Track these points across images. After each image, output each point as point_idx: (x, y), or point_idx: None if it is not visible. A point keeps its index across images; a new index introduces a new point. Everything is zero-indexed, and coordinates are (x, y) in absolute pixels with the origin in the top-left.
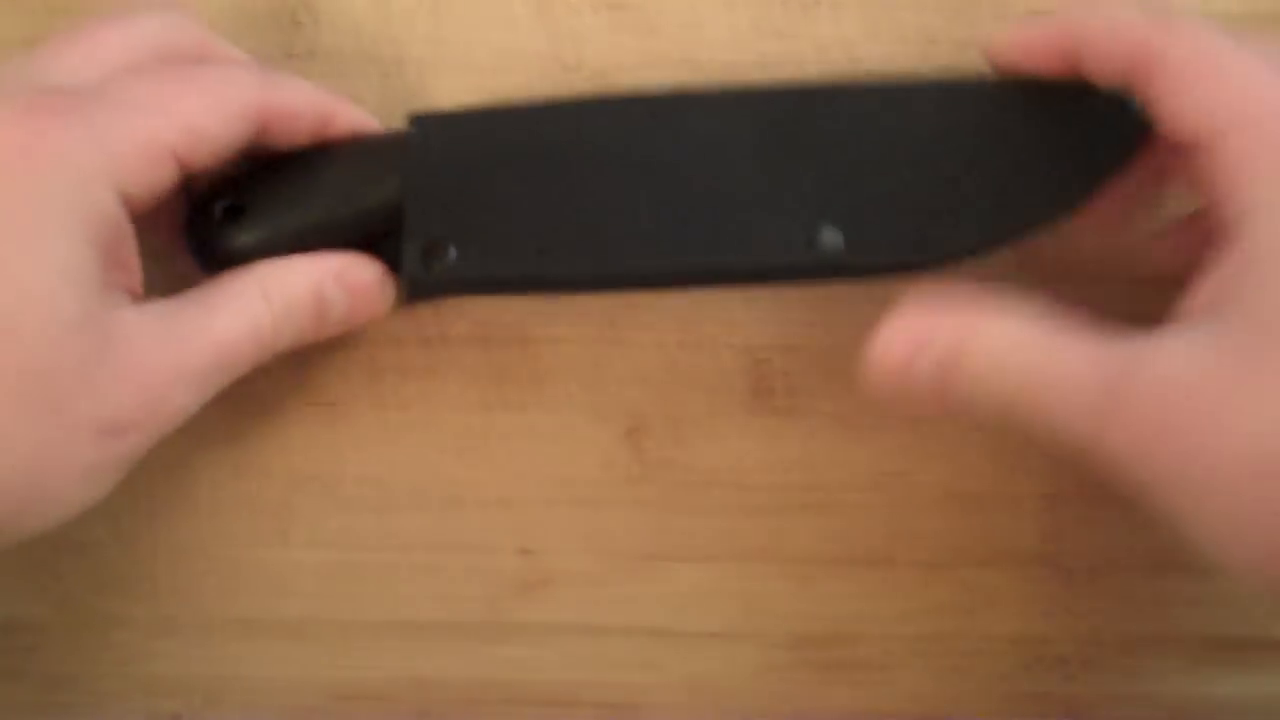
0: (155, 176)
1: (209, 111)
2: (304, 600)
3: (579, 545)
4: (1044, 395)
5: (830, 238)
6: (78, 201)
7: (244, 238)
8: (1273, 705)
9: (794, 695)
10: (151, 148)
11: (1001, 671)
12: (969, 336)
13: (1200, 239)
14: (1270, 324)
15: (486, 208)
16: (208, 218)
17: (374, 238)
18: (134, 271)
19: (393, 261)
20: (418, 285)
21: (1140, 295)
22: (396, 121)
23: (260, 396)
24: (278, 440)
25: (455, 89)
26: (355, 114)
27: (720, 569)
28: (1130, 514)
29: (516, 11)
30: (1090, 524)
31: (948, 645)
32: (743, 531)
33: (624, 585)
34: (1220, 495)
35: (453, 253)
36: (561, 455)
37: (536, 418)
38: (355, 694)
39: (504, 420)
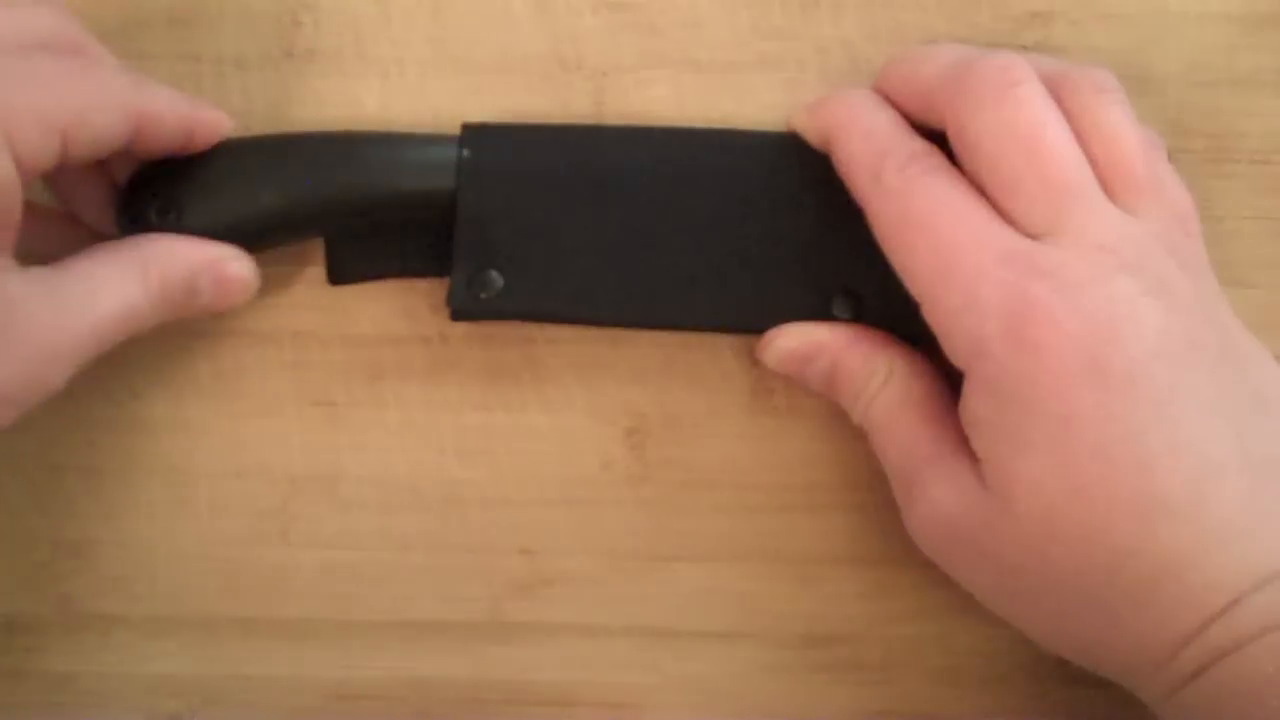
0: (43, 150)
1: (98, 105)
2: (304, 600)
3: (579, 545)
4: (879, 443)
5: (841, 308)
6: None
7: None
8: None
9: (794, 695)
10: (45, 121)
11: (1001, 671)
12: (844, 361)
13: None
14: (996, 486)
15: (531, 238)
16: (143, 215)
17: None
18: (12, 236)
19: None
20: (462, 312)
21: None
22: (397, 124)
23: (260, 396)
24: (278, 440)
25: (455, 89)
26: (218, 124)
27: (720, 569)
28: None
29: (516, 11)
30: None
31: (948, 645)
32: (743, 531)
33: (624, 585)
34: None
35: (498, 281)
36: (561, 455)
37: (536, 418)
38: (355, 694)
39: (504, 420)
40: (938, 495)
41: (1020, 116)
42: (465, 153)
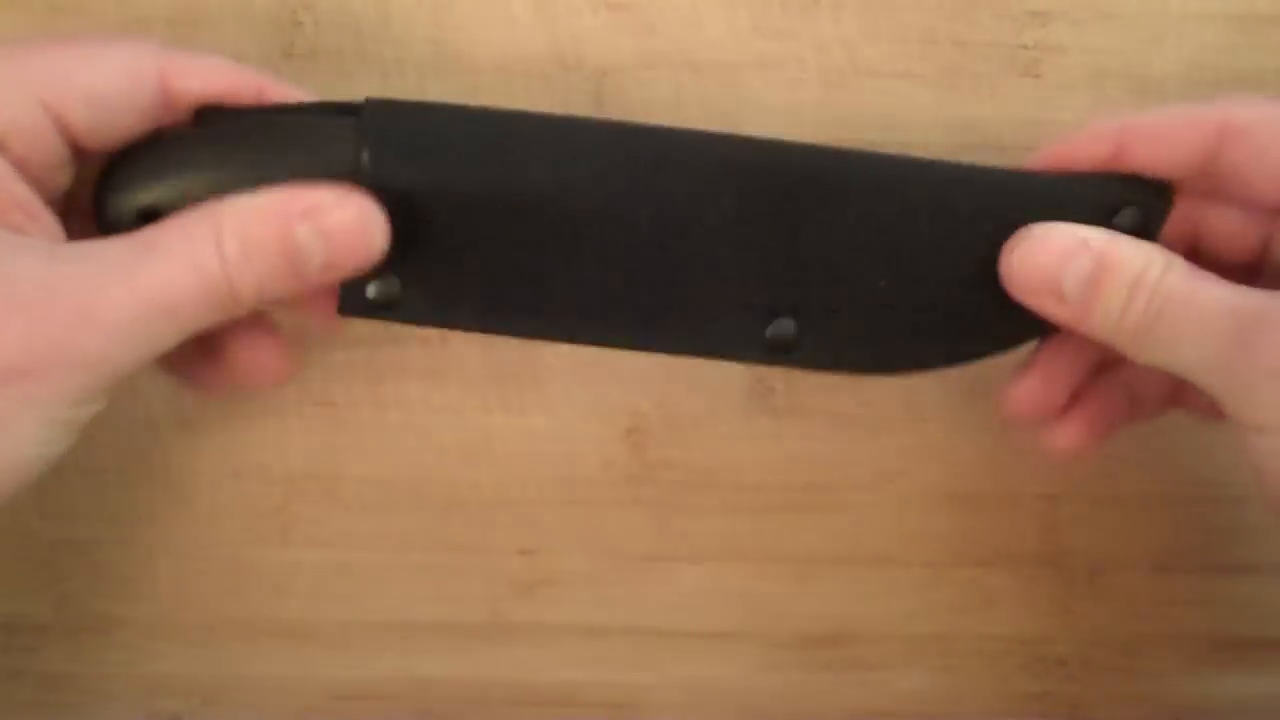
0: (23, 121)
1: (82, 59)
2: (304, 600)
3: (579, 545)
4: (1182, 319)
5: (783, 329)
6: None
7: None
8: (1273, 705)
9: (794, 695)
10: (13, 89)
11: (1001, 671)
12: (1115, 251)
13: None
14: None
15: (438, 239)
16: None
17: None
18: (33, 212)
19: None
20: (352, 309)
21: None
22: None
23: (260, 397)
24: (278, 440)
25: (455, 89)
26: (278, 88)
27: (720, 569)
28: (1130, 514)
29: (516, 11)
30: (1090, 524)
31: (948, 645)
32: (743, 531)
33: (624, 585)
34: None
35: (396, 284)
36: (561, 455)
37: (536, 418)
38: (355, 694)
39: (504, 420)
40: None
41: None
42: (365, 153)
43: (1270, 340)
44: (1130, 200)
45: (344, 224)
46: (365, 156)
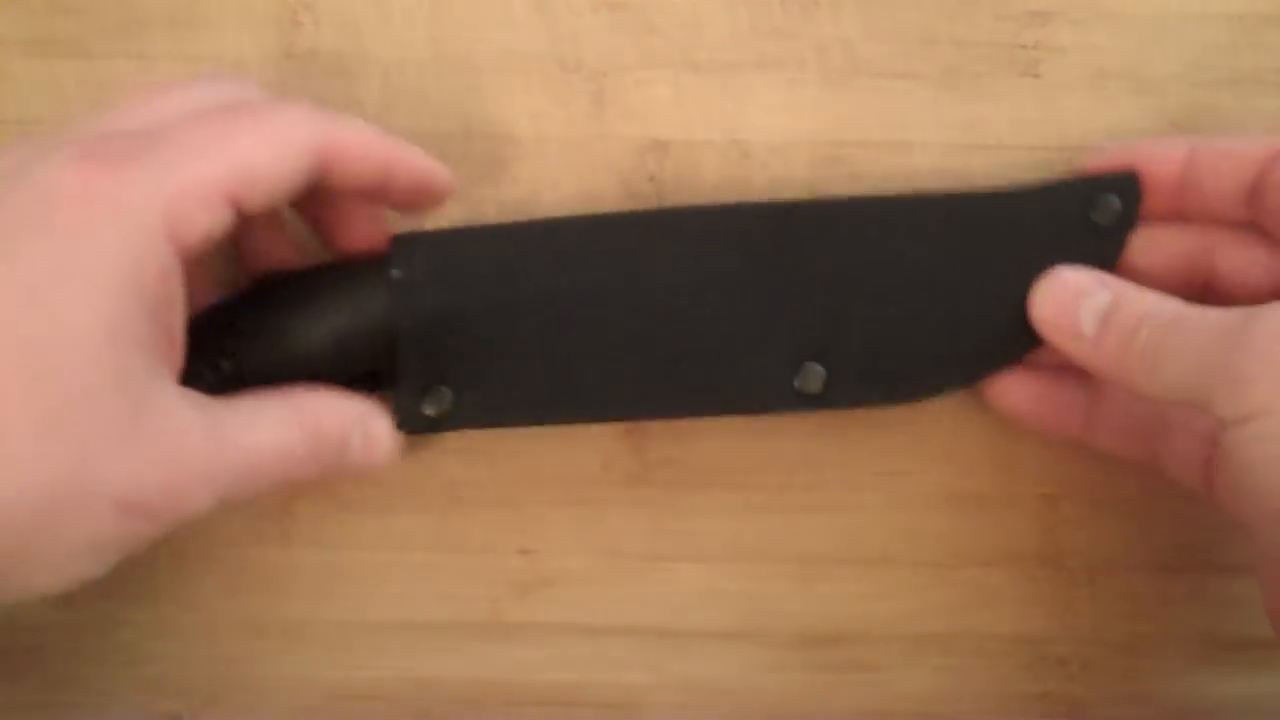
0: (208, 220)
1: (261, 147)
2: (304, 600)
3: (579, 545)
4: (1181, 340)
5: (812, 380)
6: (131, 251)
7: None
8: (1273, 705)
9: (794, 695)
10: (202, 191)
11: (1001, 671)
12: (1125, 292)
13: None
14: None
15: (479, 348)
16: (202, 381)
17: (363, 369)
18: (177, 345)
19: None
20: (411, 427)
21: None
22: (397, 123)
23: None
24: None
25: (455, 89)
26: (419, 160)
27: (720, 569)
28: (1130, 514)
29: (516, 11)
30: (1090, 524)
31: (948, 645)
32: (743, 531)
33: (624, 585)
34: None
35: (448, 395)
36: (561, 455)
37: None
38: (355, 694)
39: None
40: None
41: None
42: (396, 273)
43: (1260, 329)
44: (1106, 189)
45: (381, 433)
46: (395, 296)
